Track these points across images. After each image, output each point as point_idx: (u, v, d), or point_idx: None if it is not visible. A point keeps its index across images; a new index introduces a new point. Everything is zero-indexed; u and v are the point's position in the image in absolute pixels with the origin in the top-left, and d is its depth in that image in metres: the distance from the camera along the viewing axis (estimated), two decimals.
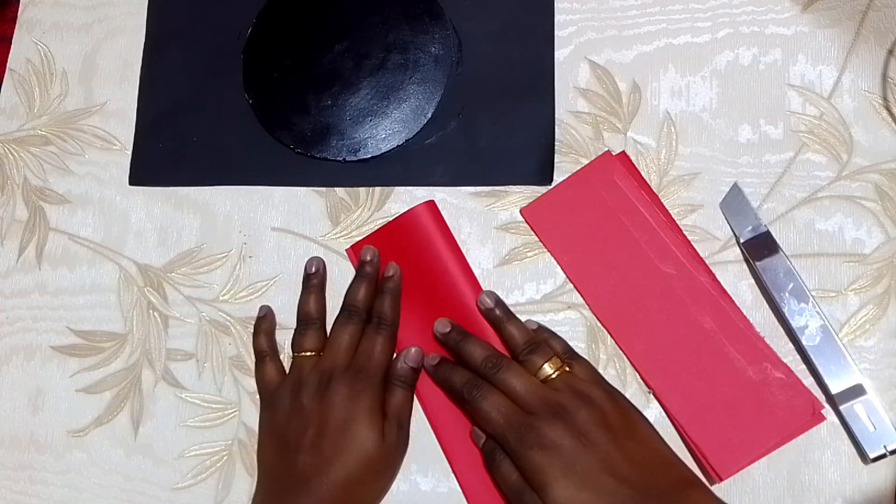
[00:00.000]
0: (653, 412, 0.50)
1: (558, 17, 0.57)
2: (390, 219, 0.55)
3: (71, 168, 0.58)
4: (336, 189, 0.56)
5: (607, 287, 0.51)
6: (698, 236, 0.52)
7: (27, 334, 0.56)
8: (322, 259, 0.54)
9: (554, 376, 0.47)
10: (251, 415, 0.53)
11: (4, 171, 0.59)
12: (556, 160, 0.54)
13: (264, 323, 0.53)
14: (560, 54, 0.56)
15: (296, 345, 0.52)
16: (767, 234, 0.50)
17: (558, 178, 0.54)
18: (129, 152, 0.58)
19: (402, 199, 0.55)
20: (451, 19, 0.58)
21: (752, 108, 0.54)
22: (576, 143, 0.55)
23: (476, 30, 0.57)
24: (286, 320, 0.54)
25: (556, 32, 0.57)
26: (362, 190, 0.56)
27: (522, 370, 0.47)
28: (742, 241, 0.51)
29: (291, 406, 0.49)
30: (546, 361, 0.47)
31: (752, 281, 0.51)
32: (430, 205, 0.54)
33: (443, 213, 0.54)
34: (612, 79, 0.55)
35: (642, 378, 0.50)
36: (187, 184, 0.57)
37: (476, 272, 0.53)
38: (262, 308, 0.54)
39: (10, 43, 0.61)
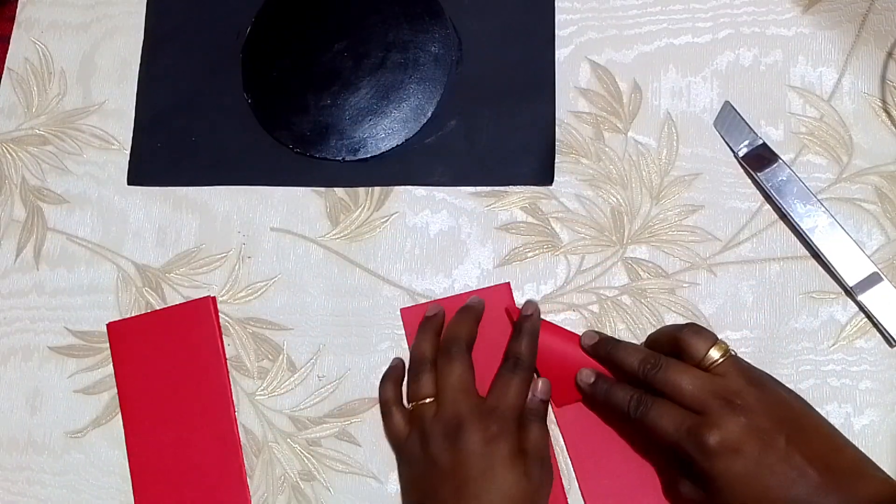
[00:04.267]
0: None
1: (559, 17, 0.57)
2: (389, 218, 0.54)
3: (69, 168, 0.58)
4: (335, 189, 0.56)
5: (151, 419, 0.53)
6: (699, 237, 0.52)
7: (25, 335, 0.56)
8: (443, 308, 0.52)
9: (721, 361, 0.44)
10: (249, 416, 0.53)
11: (2, 170, 0.59)
12: (556, 160, 0.54)
13: (394, 372, 0.52)
14: (560, 54, 0.56)
15: (411, 393, 0.49)
16: (764, 146, 0.51)
17: (559, 178, 0.54)
18: (128, 152, 0.58)
19: (402, 198, 0.55)
20: (450, 18, 0.58)
21: (752, 109, 0.54)
22: (577, 143, 0.55)
23: (476, 29, 0.57)
24: (286, 321, 0.54)
25: (557, 32, 0.56)
26: (361, 190, 0.56)
27: (684, 364, 0.45)
28: (741, 155, 0.52)
29: (423, 460, 0.47)
30: (712, 346, 0.45)
31: (753, 282, 0.51)
32: (506, 287, 0.53)
33: (443, 212, 0.54)
34: (613, 79, 0.55)
35: None
36: (186, 184, 0.57)
37: (476, 272, 0.53)
38: (395, 359, 0.52)
39: (9, 42, 0.61)
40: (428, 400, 0.48)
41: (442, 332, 0.51)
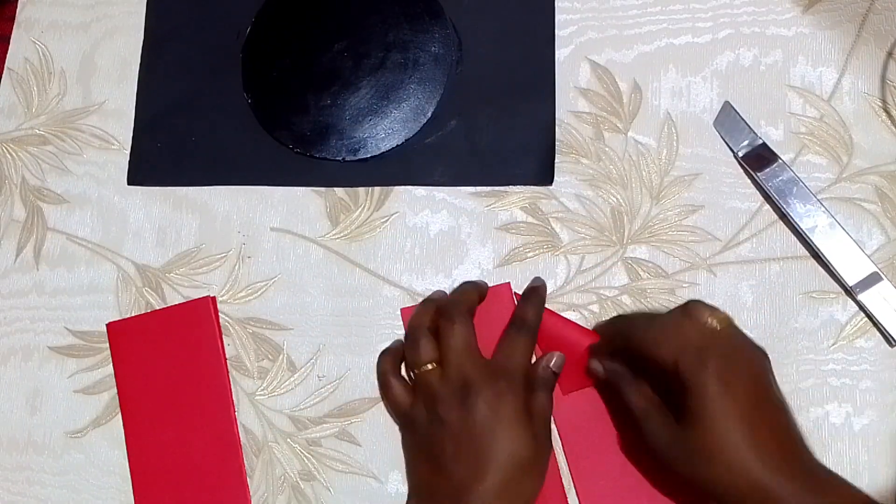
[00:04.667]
0: None
1: (559, 17, 0.57)
2: (389, 218, 0.54)
3: (69, 168, 0.58)
4: (335, 189, 0.56)
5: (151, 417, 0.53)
6: (699, 237, 0.52)
7: (25, 335, 0.56)
8: (445, 292, 0.53)
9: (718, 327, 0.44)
10: (249, 416, 0.53)
11: (2, 170, 0.59)
12: (556, 160, 0.54)
13: (392, 347, 0.52)
14: (560, 54, 0.56)
15: (411, 360, 0.49)
16: (764, 146, 0.51)
17: (559, 178, 0.54)
18: (128, 152, 0.58)
19: (402, 198, 0.55)
20: (450, 18, 0.58)
21: (752, 109, 0.54)
22: (577, 143, 0.55)
23: (476, 29, 0.57)
24: (286, 321, 0.54)
25: (557, 32, 0.56)
26: (361, 190, 0.56)
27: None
28: (741, 155, 0.52)
29: (431, 422, 0.47)
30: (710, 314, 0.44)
31: (753, 282, 0.51)
32: (506, 287, 0.53)
33: (443, 212, 0.55)
34: (613, 78, 0.55)
35: None
36: (186, 183, 0.57)
37: (476, 272, 0.53)
38: (395, 341, 0.53)
39: (9, 42, 0.61)
40: (430, 366, 0.48)
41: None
